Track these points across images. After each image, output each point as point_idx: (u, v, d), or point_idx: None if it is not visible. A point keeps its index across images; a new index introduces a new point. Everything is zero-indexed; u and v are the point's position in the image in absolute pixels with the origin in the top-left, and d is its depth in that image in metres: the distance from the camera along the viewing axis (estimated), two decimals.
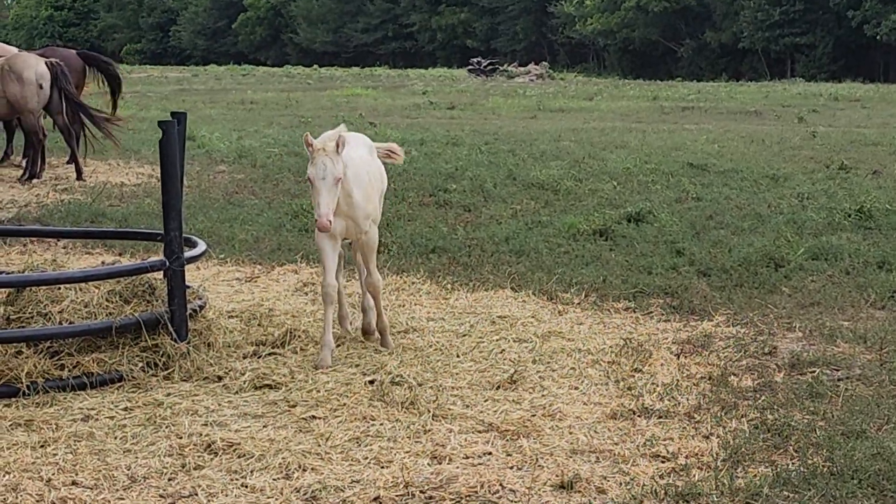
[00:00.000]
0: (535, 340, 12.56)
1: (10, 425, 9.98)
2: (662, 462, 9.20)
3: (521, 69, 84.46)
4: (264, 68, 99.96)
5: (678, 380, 11.25)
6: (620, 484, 8.76)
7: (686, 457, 9.27)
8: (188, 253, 12.06)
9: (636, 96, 58.70)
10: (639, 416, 10.25)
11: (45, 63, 24.83)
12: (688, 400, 10.65)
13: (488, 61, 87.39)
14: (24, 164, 25.98)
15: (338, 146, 11.24)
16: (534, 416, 10.21)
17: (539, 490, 8.60)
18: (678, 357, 12.03)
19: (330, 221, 11.10)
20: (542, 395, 10.79)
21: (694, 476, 8.84)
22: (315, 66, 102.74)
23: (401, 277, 15.67)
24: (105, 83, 28.40)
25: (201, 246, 12.81)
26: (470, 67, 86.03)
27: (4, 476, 8.70)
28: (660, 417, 10.20)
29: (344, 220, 11.67)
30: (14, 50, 27.91)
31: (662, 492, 8.52)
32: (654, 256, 17.00)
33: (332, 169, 11.17)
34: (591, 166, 27.00)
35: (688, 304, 14.25)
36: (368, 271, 12.24)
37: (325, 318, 11.78)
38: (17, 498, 8.30)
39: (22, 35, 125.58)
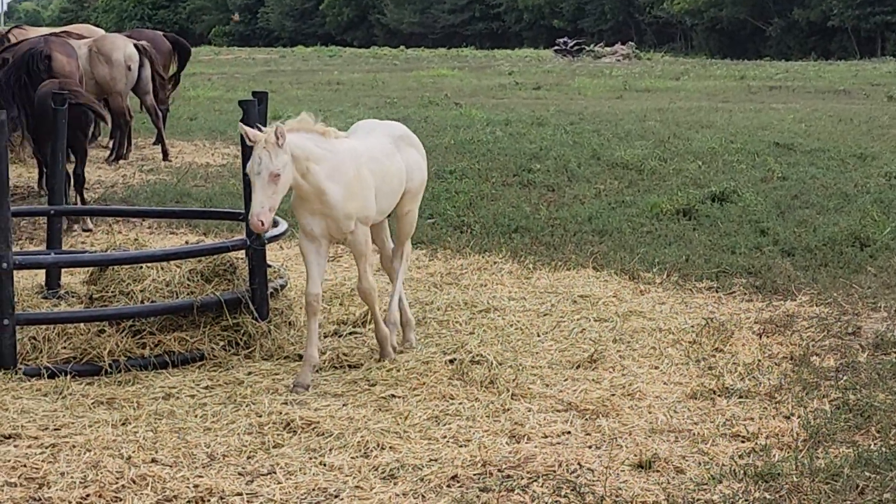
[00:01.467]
0: (615, 320, 12.51)
1: (93, 403, 10.06)
2: (742, 442, 9.14)
3: (608, 49, 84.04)
4: (351, 49, 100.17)
5: (760, 360, 11.16)
6: (699, 464, 8.70)
7: (766, 437, 9.20)
8: (270, 232, 12.08)
9: (723, 76, 58.25)
10: (719, 395, 10.18)
11: (134, 45, 24.95)
12: (769, 380, 10.57)
13: (575, 42, 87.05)
14: (110, 145, 26.16)
15: (278, 138, 9.91)
16: (613, 395, 10.18)
17: (617, 469, 8.56)
18: (760, 337, 11.94)
19: (262, 222, 9.81)
20: (622, 375, 10.75)
21: (774, 456, 8.77)
22: (402, 47, 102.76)
23: (483, 257, 15.65)
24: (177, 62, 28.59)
25: (283, 225, 12.82)
26: (556, 48, 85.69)
27: (85, 453, 8.77)
28: (740, 397, 10.13)
29: (322, 220, 10.49)
30: (101, 32, 28.11)
31: (742, 472, 8.45)
32: (737, 236, 16.87)
33: (268, 163, 9.85)
34: (675, 146, 26.83)
35: (771, 284, 14.13)
36: (359, 275, 11.02)
37: (309, 331, 10.66)
38: (97, 475, 8.35)
39: (112, 18, 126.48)
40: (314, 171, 10.23)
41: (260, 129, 10.13)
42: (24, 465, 8.57)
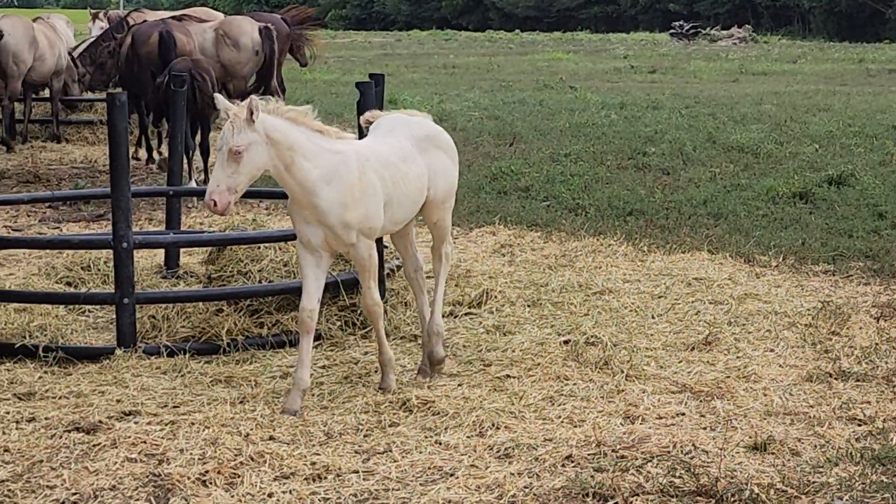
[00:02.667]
0: (731, 302, 12.43)
1: (211, 381, 10.17)
2: (859, 425, 9.07)
3: (724, 32, 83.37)
4: (466, 33, 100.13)
5: (877, 343, 11.05)
6: (815, 446, 8.65)
7: (884, 420, 9.13)
8: None
9: (841, 59, 57.63)
10: (835, 378, 10.10)
11: (259, 28, 25.05)
12: (886, 363, 10.46)
13: (690, 25, 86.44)
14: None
15: (249, 114, 8.83)
16: (728, 377, 10.13)
17: (732, 451, 8.52)
18: (878, 320, 11.81)
19: (214, 202, 8.77)
20: (737, 357, 10.69)
21: (892, 439, 8.70)
22: (517, 30, 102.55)
23: (597, 239, 15.60)
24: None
25: None
26: (672, 31, 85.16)
27: (204, 430, 8.87)
28: (857, 381, 10.05)
29: (319, 229, 9.34)
30: (220, 15, 28.30)
31: (858, 455, 8.39)
32: (855, 219, 16.69)
33: (230, 138, 8.77)
34: (792, 129, 26.59)
35: (889, 268, 13.97)
36: (363, 291, 9.75)
37: (300, 351, 9.53)
38: (216, 452, 8.45)
39: (229, 2, 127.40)
40: (301, 166, 9.09)
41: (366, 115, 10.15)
42: (145, 442, 8.70)
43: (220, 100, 9.03)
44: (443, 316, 11.85)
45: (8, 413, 9.34)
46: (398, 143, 9.89)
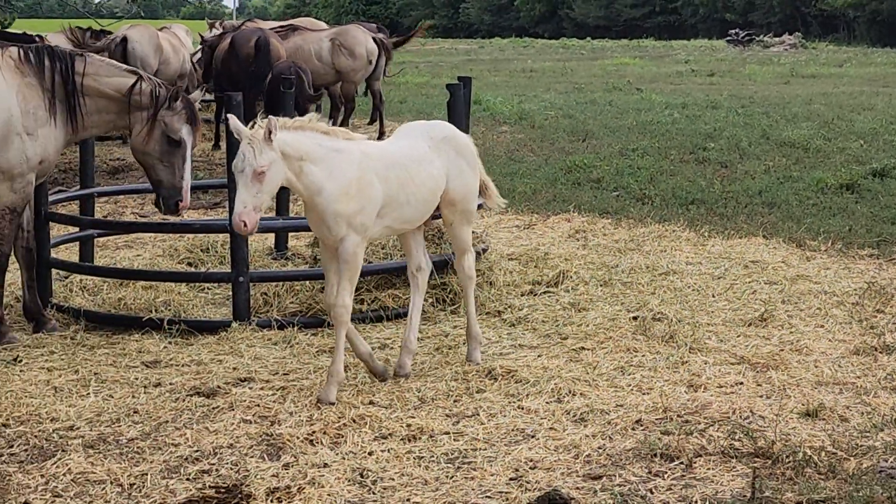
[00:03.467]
0: (784, 283, 12.31)
1: (317, 351, 10.21)
2: None
3: (776, 39, 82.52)
4: (542, 41, 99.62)
5: None
6: (862, 413, 8.56)
7: None
8: None
9: (883, 63, 56.82)
10: (880, 352, 9.98)
11: (373, 39, 25.04)
12: None
13: (745, 33, 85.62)
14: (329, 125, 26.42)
15: (268, 134, 8.30)
16: (782, 350, 10.03)
17: (786, 417, 8.45)
18: None
19: (244, 222, 8.28)
20: (790, 332, 10.58)
21: None
22: (588, 38, 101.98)
23: (662, 226, 15.51)
24: None
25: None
26: (728, 38, 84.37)
27: (311, 395, 8.91)
28: None
29: (315, 217, 8.87)
30: (324, 25, 28.35)
31: None
32: None
33: (252, 160, 8.24)
34: (839, 126, 26.28)
35: None
36: (337, 289, 8.93)
37: (337, 344, 8.96)
38: (321, 415, 8.49)
39: (330, 13, 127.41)
40: (310, 171, 8.57)
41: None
42: (258, 405, 8.74)
43: (234, 121, 8.52)
44: (522, 295, 11.89)
45: (137, 378, 9.42)
46: (413, 144, 9.27)
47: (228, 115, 8.63)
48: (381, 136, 25.77)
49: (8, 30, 25.54)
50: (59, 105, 10.52)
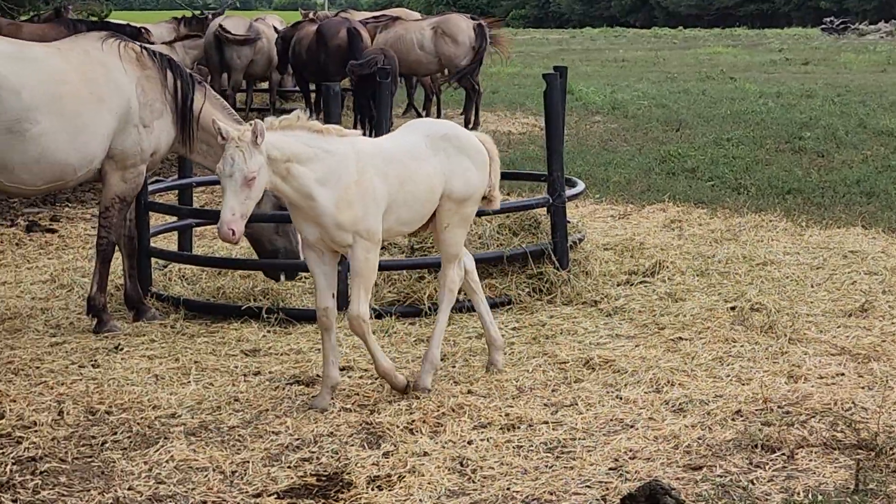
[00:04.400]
0: (884, 273, 12.15)
1: (414, 340, 10.23)
2: None
3: (871, 27, 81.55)
4: (634, 30, 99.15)
5: None
6: None
7: None
8: (569, 191, 12.11)
9: None
10: None
11: (474, 26, 25.04)
12: None
13: (840, 20, 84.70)
14: (422, 113, 26.45)
15: (255, 136, 7.75)
16: (884, 341, 9.89)
17: (889, 409, 8.33)
18: None
19: (232, 231, 7.71)
20: (892, 323, 10.43)
21: None
22: (680, 27, 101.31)
23: (759, 216, 15.38)
24: None
25: (580, 186, 12.84)
26: (823, 26, 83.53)
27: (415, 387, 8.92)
28: None
29: (317, 228, 8.27)
30: (416, 15, 28.41)
31: None
32: None
33: (241, 165, 7.70)
34: None
35: None
36: (350, 298, 8.50)
37: (324, 349, 8.64)
38: (420, 403, 8.50)
39: (421, 2, 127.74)
40: (298, 173, 8.00)
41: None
42: (357, 394, 8.78)
43: (222, 123, 8.02)
44: (618, 284, 11.83)
45: (237, 367, 9.49)
46: (408, 141, 8.67)
47: (213, 119, 8.16)
48: (474, 126, 25.76)
49: (110, 20, 25.86)
50: (173, 105, 10.72)
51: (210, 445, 7.83)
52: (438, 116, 25.83)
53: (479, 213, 11.52)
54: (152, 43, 20.70)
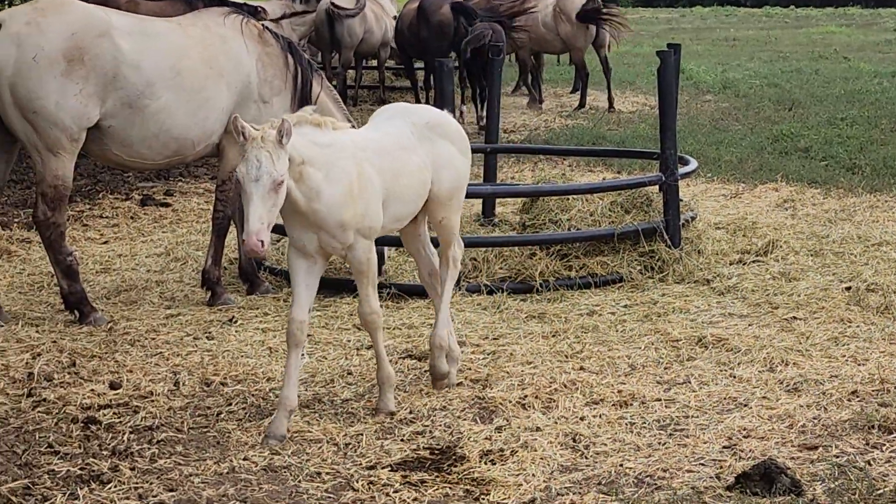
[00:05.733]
0: None
1: (526, 317, 10.22)
2: None
3: None
4: (745, 9, 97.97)
5: None
6: None
7: None
8: (681, 169, 12.02)
9: None
10: None
11: (587, 5, 24.87)
12: None
13: None
14: (531, 94, 26.35)
15: (281, 135, 7.02)
16: None
17: None
18: None
19: (262, 242, 6.95)
20: None
21: None
22: (791, 6, 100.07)
23: (874, 196, 15.19)
24: None
25: (693, 164, 12.75)
26: None
27: (521, 360, 8.93)
28: None
29: (315, 233, 7.52)
30: None
31: None
32: None
33: (269, 167, 6.97)
34: None
35: None
36: (360, 298, 7.93)
37: (287, 367, 7.69)
38: (533, 379, 8.50)
39: None
40: (309, 175, 7.33)
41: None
42: (470, 368, 8.79)
43: (239, 120, 7.11)
44: (731, 263, 11.74)
45: (349, 341, 9.55)
46: (395, 130, 8.07)
47: (234, 117, 7.15)
48: (580, 106, 25.64)
49: None
50: (292, 84, 10.81)
51: (324, 418, 7.89)
52: (584, 94, 25.62)
53: (589, 191, 11.53)
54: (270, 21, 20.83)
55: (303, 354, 8.19)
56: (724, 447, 7.33)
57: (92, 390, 8.34)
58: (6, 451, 7.35)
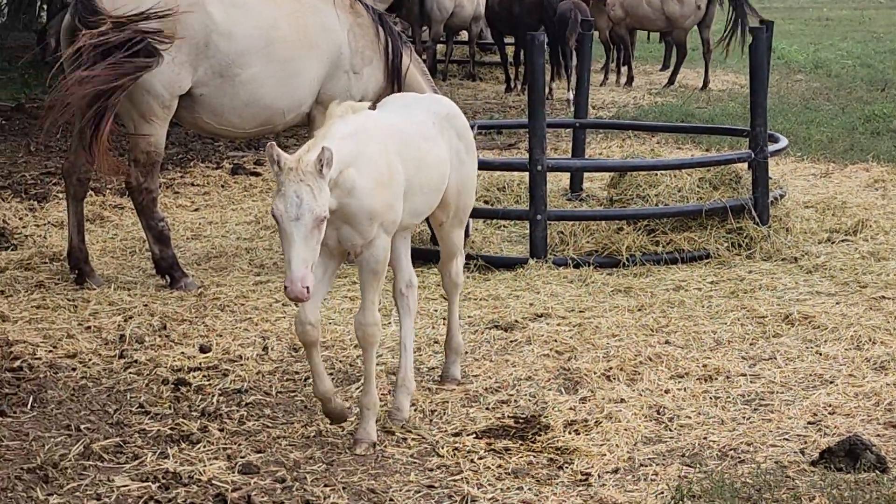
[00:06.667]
0: None
1: (612, 291, 10.23)
2: None
3: None
4: None
5: None
6: None
7: None
8: (771, 147, 11.96)
9: None
10: None
11: None
12: None
13: None
14: (617, 72, 26.30)
15: (321, 165, 6.14)
16: None
17: None
18: None
19: (308, 289, 6.13)
20: None
21: None
22: None
23: None
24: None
25: (783, 141, 12.68)
26: None
27: (607, 332, 8.95)
28: None
29: (334, 224, 6.60)
30: None
31: None
32: None
33: (311, 204, 6.12)
34: None
35: None
36: (362, 305, 6.95)
37: (313, 363, 7.00)
38: (618, 352, 8.52)
39: None
40: (347, 176, 6.50)
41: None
42: (555, 340, 8.82)
43: (274, 148, 6.19)
44: (819, 242, 11.68)
45: (436, 311, 9.62)
46: (417, 119, 7.30)
47: (269, 144, 6.22)
48: (669, 83, 25.53)
49: None
50: (383, 56, 10.91)
51: None
52: (675, 73, 25.54)
53: (678, 166, 11.50)
54: None
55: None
56: (809, 423, 7.31)
57: (182, 353, 8.48)
58: (98, 411, 7.51)
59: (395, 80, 10.95)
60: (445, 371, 8.05)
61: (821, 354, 8.52)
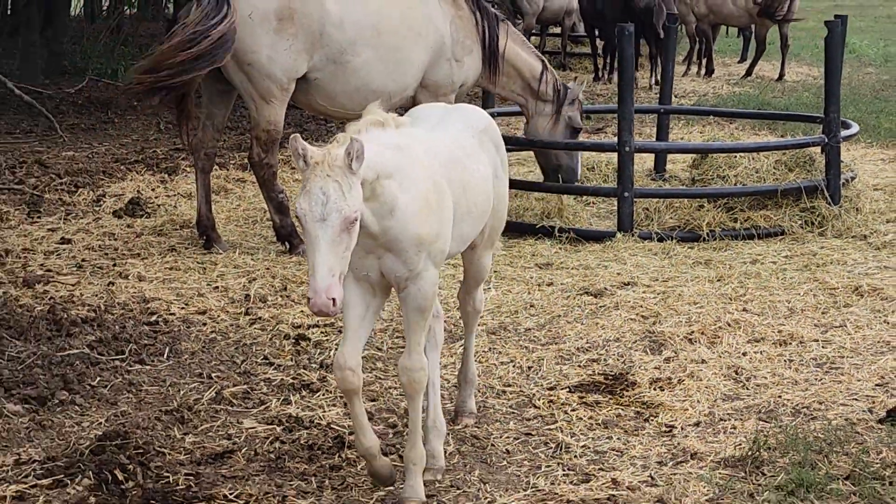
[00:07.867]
0: None
1: (693, 263, 10.29)
2: None
3: None
4: None
5: None
6: None
7: None
8: (843, 132, 11.93)
9: None
10: None
11: None
12: None
13: None
14: (699, 63, 26.16)
15: (350, 159, 5.02)
16: None
17: None
18: None
19: (334, 300, 4.96)
20: None
21: None
22: None
23: None
24: None
25: (854, 127, 12.63)
26: None
27: (689, 300, 9.02)
28: None
29: (378, 258, 5.51)
30: None
31: None
32: None
33: (339, 202, 5.00)
34: None
35: None
36: (408, 347, 5.70)
37: (355, 415, 5.71)
38: (699, 317, 8.58)
39: None
40: (384, 189, 5.31)
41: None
42: (641, 306, 8.91)
43: (297, 141, 5.05)
44: (887, 222, 11.66)
45: (532, 278, 9.73)
46: (459, 135, 6.12)
47: (292, 136, 5.09)
48: (747, 74, 25.39)
49: None
50: (481, 44, 11.06)
51: (508, 343, 8.10)
52: (753, 65, 25.40)
53: (755, 149, 11.51)
54: None
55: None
56: (877, 385, 7.35)
57: (301, 311, 8.65)
58: (227, 361, 7.72)
59: (491, 63, 11.12)
60: (460, 405, 6.85)
61: (888, 323, 8.54)
